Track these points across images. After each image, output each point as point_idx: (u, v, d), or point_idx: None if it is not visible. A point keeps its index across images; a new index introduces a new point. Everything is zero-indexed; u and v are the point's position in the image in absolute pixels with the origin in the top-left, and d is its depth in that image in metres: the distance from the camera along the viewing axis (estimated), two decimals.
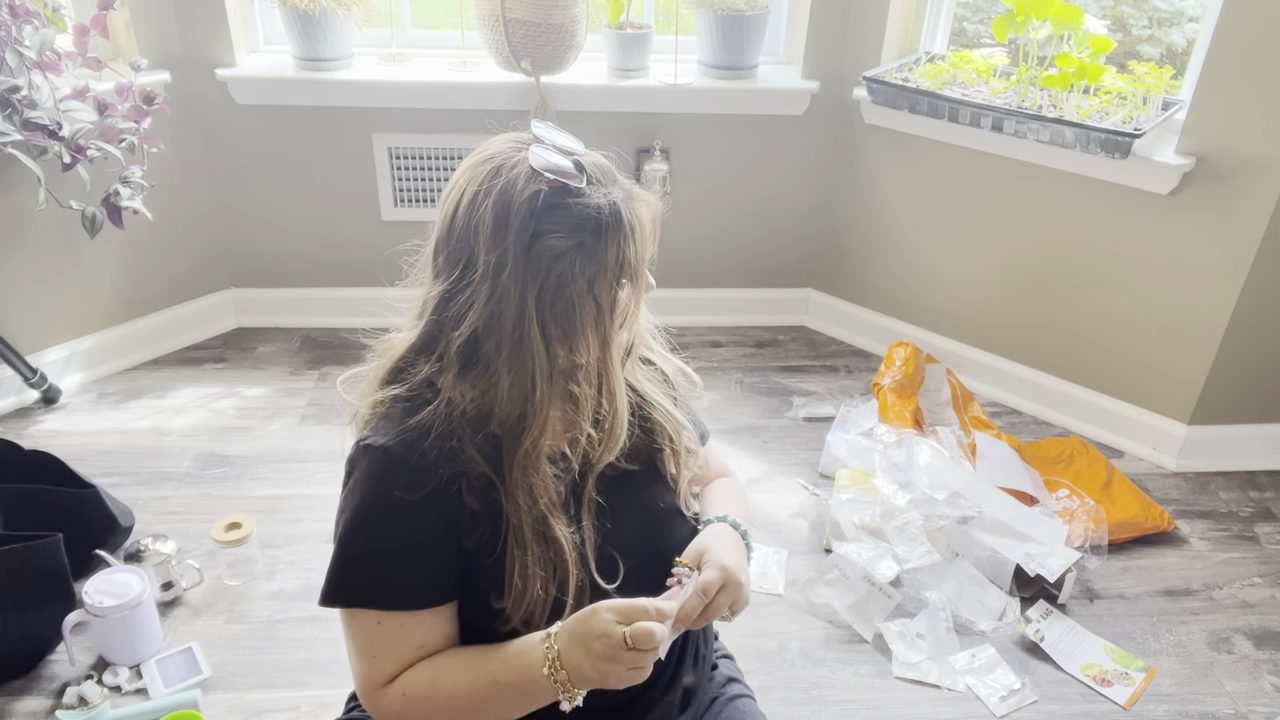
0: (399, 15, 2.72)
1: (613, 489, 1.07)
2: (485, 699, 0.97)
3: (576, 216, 0.95)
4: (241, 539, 1.95)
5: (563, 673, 0.93)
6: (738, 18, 2.56)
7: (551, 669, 0.93)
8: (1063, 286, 2.50)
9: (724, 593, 1.00)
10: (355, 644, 1.01)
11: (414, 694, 0.98)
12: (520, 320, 0.95)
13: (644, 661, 0.91)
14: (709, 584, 0.99)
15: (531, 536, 0.98)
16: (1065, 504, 2.21)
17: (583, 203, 0.95)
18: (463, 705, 0.97)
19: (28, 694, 1.73)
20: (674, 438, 1.13)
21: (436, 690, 0.98)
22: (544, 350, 0.97)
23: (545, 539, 0.99)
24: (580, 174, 0.96)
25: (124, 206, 2.25)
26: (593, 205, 0.96)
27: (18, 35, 2.04)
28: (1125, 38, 3.15)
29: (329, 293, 2.88)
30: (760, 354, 2.90)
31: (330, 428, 2.47)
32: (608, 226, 0.96)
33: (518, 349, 0.96)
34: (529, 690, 0.96)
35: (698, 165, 2.77)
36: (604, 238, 0.96)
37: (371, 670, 1.00)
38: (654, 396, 1.13)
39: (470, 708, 0.97)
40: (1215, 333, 2.29)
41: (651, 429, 1.12)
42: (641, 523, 1.09)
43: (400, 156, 2.70)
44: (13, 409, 2.48)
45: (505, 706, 0.98)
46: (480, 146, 1.02)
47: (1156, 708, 1.81)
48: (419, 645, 1.00)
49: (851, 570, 1.96)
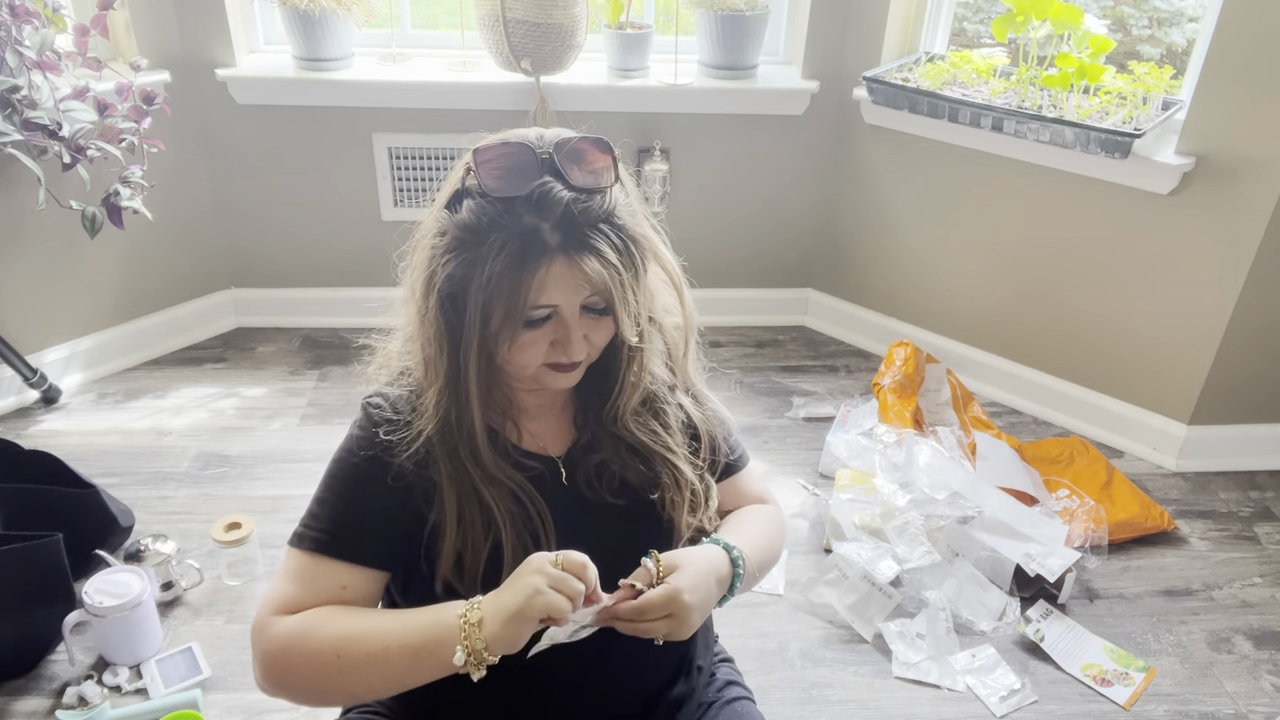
0: (399, 15, 2.72)
1: (591, 515, 1.05)
2: (368, 639, 0.92)
3: (484, 214, 0.92)
4: (241, 539, 1.95)
5: (476, 612, 0.89)
6: (738, 18, 2.56)
7: (467, 610, 0.90)
8: (1063, 286, 2.50)
9: (664, 621, 0.95)
10: (283, 572, 1.01)
11: (306, 626, 0.95)
12: (428, 278, 0.96)
13: (569, 586, 0.88)
14: (650, 606, 0.94)
15: (459, 495, 0.99)
16: (1065, 504, 2.21)
17: (496, 209, 0.91)
18: (339, 648, 0.92)
19: (28, 694, 1.73)
20: (676, 484, 1.08)
21: (327, 628, 0.94)
22: (436, 311, 0.96)
23: (478, 501, 0.99)
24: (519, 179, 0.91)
25: (124, 206, 2.25)
26: (498, 220, 0.91)
27: (18, 35, 2.04)
28: (1125, 38, 3.15)
29: (329, 293, 2.88)
30: (760, 354, 2.90)
31: (330, 428, 2.47)
32: (492, 249, 0.91)
33: (423, 300, 0.97)
34: (428, 634, 0.91)
35: (698, 165, 2.77)
36: (488, 254, 0.91)
37: (280, 592, 0.99)
38: (658, 443, 1.08)
39: (348, 650, 0.92)
40: (1215, 333, 2.29)
41: (655, 471, 1.08)
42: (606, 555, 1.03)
43: (400, 156, 2.70)
44: (13, 409, 2.48)
45: (389, 661, 0.91)
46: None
47: (1156, 708, 1.81)
48: (341, 586, 1.00)
49: (851, 570, 1.96)
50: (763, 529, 1.18)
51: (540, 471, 1.05)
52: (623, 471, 1.07)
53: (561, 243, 0.90)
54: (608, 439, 1.07)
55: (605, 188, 0.93)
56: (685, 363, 1.12)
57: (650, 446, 1.07)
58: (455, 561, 0.99)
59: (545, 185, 0.90)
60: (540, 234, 0.90)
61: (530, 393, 1.07)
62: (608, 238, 0.92)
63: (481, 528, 0.99)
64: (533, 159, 0.92)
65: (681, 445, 1.10)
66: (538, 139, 0.95)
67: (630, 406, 1.07)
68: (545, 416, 1.09)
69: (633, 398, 1.06)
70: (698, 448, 1.13)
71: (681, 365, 1.12)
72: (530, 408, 1.08)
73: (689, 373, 1.13)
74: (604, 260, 0.91)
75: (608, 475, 1.07)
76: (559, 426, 1.10)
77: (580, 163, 0.93)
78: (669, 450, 1.08)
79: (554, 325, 0.95)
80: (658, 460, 1.08)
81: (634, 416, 1.07)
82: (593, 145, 0.94)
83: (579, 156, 0.93)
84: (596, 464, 1.07)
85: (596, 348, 1.00)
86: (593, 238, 0.91)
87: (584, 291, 0.93)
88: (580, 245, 0.91)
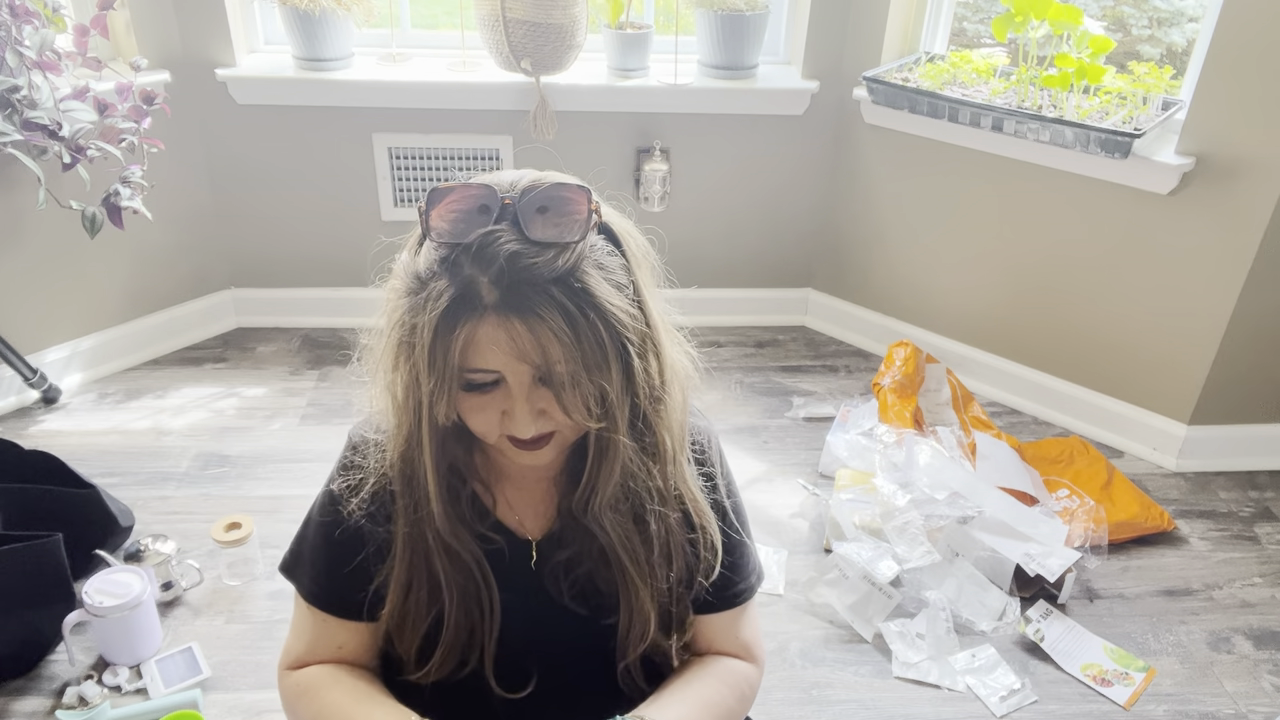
0: (399, 15, 2.72)
1: (546, 614, 0.99)
2: None
3: (431, 259, 0.81)
4: (241, 539, 1.95)
5: None
6: (738, 18, 2.56)
7: None
8: (1062, 286, 2.50)
9: None
10: (293, 618, 1.04)
11: (301, 689, 1.00)
12: (387, 324, 0.86)
13: None
14: None
15: (410, 559, 0.94)
16: (1065, 504, 2.21)
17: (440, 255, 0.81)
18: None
19: (28, 694, 1.73)
20: (631, 612, 0.97)
21: (314, 699, 0.98)
22: (394, 358, 0.86)
23: (427, 569, 0.94)
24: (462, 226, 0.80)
25: (124, 206, 2.24)
26: (437, 268, 0.80)
27: (18, 35, 2.04)
28: (1125, 38, 3.15)
29: (329, 293, 2.88)
30: (760, 354, 2.90)
31: (330, 428, 2.47)
32: (429, 297, 0.80)
33: (382, 346, 0.88)
34: None
35: (698, 165, 2.77)
36: (424, 303, 0.80)
37: (291, 647, 1.03)
38: (628, 553, 0.96)
39: None
40: (1215, 333, 2.29)
41: (616, 589, 0.97)
42: (549, 659, 1.01)
43: (400, 156, 2.70)
44: (13, 409, 2.48)
45: None
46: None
47: (1156, 708, 1.81)
48: (337, 646, 1.01)
49: (851, 570, 1.96)
50: (715, 707, 0.99)
51: (501, 548, 0.96)
52: (592, 575, 0.97)
53: (498, 301, 0.78)
54: (580, 532, 0.96)
55: (568, 244, 0.79)
56: (680, 455, 0.96)
57: (618, 555, 0.95)
58: (398, 624, 0.97)
59: (491, 234, 0.78)
60: (476, 288, 0.78)
61: (512, 461, 0.94)
62: (556, 301, 0.78)
63: (427, 596, 0.95)
64: (492, 202, 0.80)
65: (657, 562, 0.97)
66: (511, 182, 0.82)
67: (604, 500, 0.93)
68: (526, 489, 0.99)
69: (605, 491, 0.92)
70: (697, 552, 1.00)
71: (677, 459, 0.96)
72: (512, 475, 0.98)
73: (683, 469, 0.97)
74: (546, 327, 0.78)
75: (575, 576, 0.98)
76: (543, 503, 0.99)
77: (547, 213, 0.80)
78: (636, 566, 0.95)
79: (502, 394, 0.83)
80: (623, 575, 0.96)
81: (610, 513, 0.94)
82: (572, 194, 0.81)
83: (547, 205, 0.80)
84: (566, 560, 0.97)
85: (564, 424, 0.85)
86: (535, 300, 0.77)
87: (526, 358, 0.79)
88: (519, 307, 0.77)
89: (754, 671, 1.07)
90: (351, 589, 0.98)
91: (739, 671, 1.05)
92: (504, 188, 0.82)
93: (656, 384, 0.89)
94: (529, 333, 0.78)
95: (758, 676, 1.08)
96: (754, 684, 1.07)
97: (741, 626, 1.07)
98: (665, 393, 0.90)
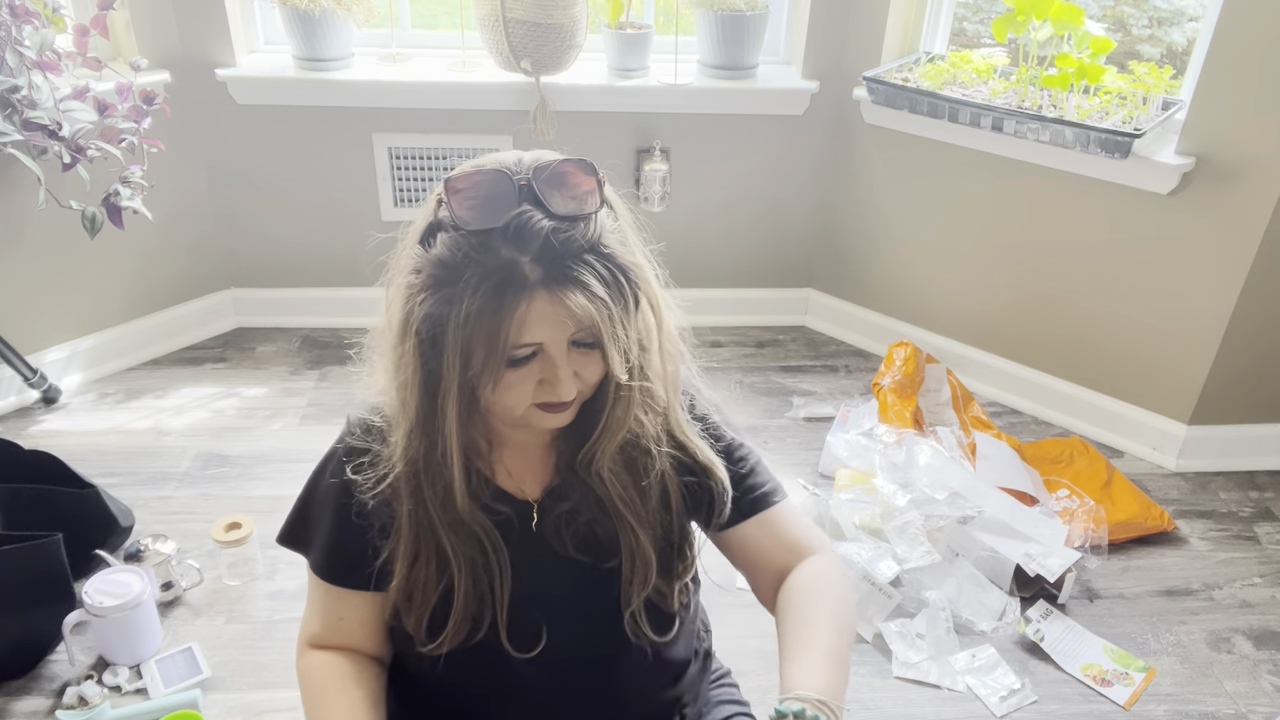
0: (399, 15, 2.72)
1: (552, 568, 1.02)
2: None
3: (459, 249, 0.84)
4: (241, 539, 1.95)
5: None
6: (738, 18, 2.56)
7: None
8: (1062, 286, 2.50)
9: None
10: (308, 591, 1.07)
11: (306, 675, 1.03)
12: (404, 319, 0.88)
13: None
14: None
15: (417, 536, 0.97)
16: (1065, 504, 2.21)
17: (471, 243, 0.84)
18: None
19: (28, 694, 1.73)
20: (632, 556, 1.01)
21: (313, 690, 1.02)
22: (414, 354, 0.89)
23: (435, 544, 0.96)
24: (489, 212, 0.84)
25: (124, 206, 2.24)
26: (473, 255, 0.84)
27: (18, 35, 2.04)
28: (1125, 38, 3.15)
29: (329, 293, 2.88)
30: (760, 354, 2.90)
31: (330, 428, 2.47)
32: (468, 286, 0.83)
33: (399, 343, 0.90)
34: None
35: (698, 165, 2.77)
36: (464, 292, 0.83)
37: (307, 621, 1.06)
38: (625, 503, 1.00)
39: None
40: (1215, 333, 2.29)
41: (616, 535, 1.01)
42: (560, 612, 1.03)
43: (400, 156, 2.70)
44: (13, 409, 2.48)
45: None
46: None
47: (1156, 708, 1.81)
48: (338, 618, 1.03)
49: (851, 570, 1.96)
50: (833, 625, 1.00)
51: (508, 516, 1.00)
52: (592, 525, 1.01)
53: (543, 277, 0.83)
54: (579, 486, 1.00)
55: (589, 214, 0.85)
56: (674, 402, 1.01)
57: (616, 505, 0.99)
58: (405, 598, 0.99)
59: (523, 215, 0.83)
60: (519, 268, 0.82)
61: (515, 429, 0.99)
62: (593, 269, 0.84)
63: (435, 570, 0.97)
64: (509, 186, 0.84)
65: (654, 509, 1.01)
66: (515, 164, 0.87)
67: (609, 452, 0.97)
68: (526, 454, 1.03)
69: (613, 441, 0.97)
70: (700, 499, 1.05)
71: (672, 405, 1.01)
72: (513, 443, 1.02)
73: (678, 414, 1.02)
74: (590, 294, 0.83)
75: (575, 527, 1.01)
76: (541, 465, 1.03)
77: (562, 188, 0.85)
78: (634, 514, 1.00)
79: (540, 363, 0.87)
80: (622, 523, 1.00)
81: (610, 465, 0.98)
82: (576, 168, 0.86)
83: (560, 181, 0.85)
84: (567, 512, 1.01)
85: (589, 384, 0.92)
86: (577, 270, 0.83)
87: (569, 328, 0.85)
88: (563, 278, 0.83)
89: (824, 561, 1.07)
90: (359, 563, 1.00)
91: (815, 573, 1.05)
92: (513, 169, 0.86)
93: (654, 333, 0.94)
94: (576, 302, 0.83)
95: (831, 559, 1.08)
96: (836, 567, 1.07)
97: (786, 529, 1.08)
98: (663, 339, 0.95)
